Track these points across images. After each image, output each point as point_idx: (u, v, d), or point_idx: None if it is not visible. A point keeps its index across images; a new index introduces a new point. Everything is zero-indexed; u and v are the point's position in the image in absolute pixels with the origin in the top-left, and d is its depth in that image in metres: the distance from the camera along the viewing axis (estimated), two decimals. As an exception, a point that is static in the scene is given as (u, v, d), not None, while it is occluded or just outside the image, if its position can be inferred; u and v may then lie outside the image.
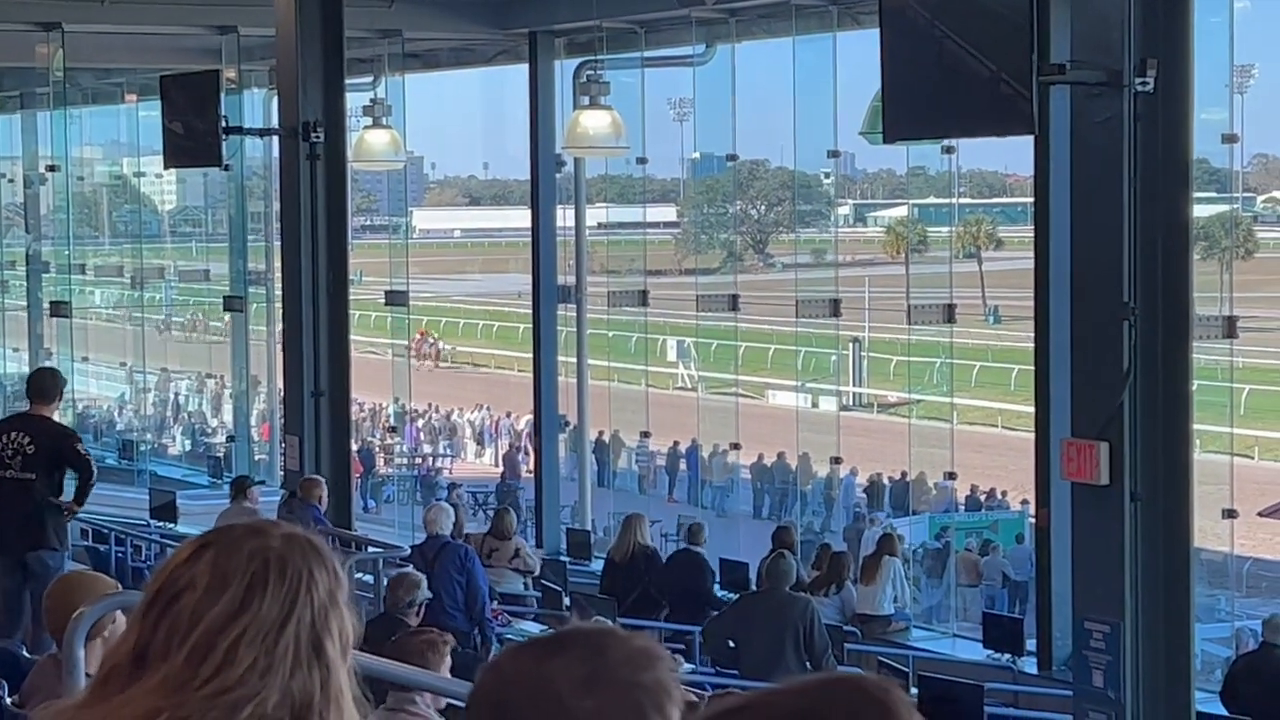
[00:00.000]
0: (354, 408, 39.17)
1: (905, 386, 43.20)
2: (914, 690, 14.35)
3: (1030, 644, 16.86)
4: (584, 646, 2.51)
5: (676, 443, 41.94)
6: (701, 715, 2.32)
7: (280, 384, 21.81)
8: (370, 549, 16.66)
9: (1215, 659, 20.62)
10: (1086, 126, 10.48)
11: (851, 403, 56.88)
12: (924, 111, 9.98)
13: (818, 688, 2.29)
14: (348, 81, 19.36)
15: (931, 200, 69.96)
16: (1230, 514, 18.71)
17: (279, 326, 21.10)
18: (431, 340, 67.66)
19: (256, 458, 29.37)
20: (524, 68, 22.92)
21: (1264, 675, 14.93)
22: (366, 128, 23.72)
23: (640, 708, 2.47)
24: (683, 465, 40.55)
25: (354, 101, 22.44)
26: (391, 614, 10.90)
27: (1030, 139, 15.55)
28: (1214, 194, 37.13)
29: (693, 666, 15.52)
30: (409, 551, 15.75)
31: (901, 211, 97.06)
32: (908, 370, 49.74)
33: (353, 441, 30.56)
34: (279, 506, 19.54)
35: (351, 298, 19.05)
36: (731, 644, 14.56)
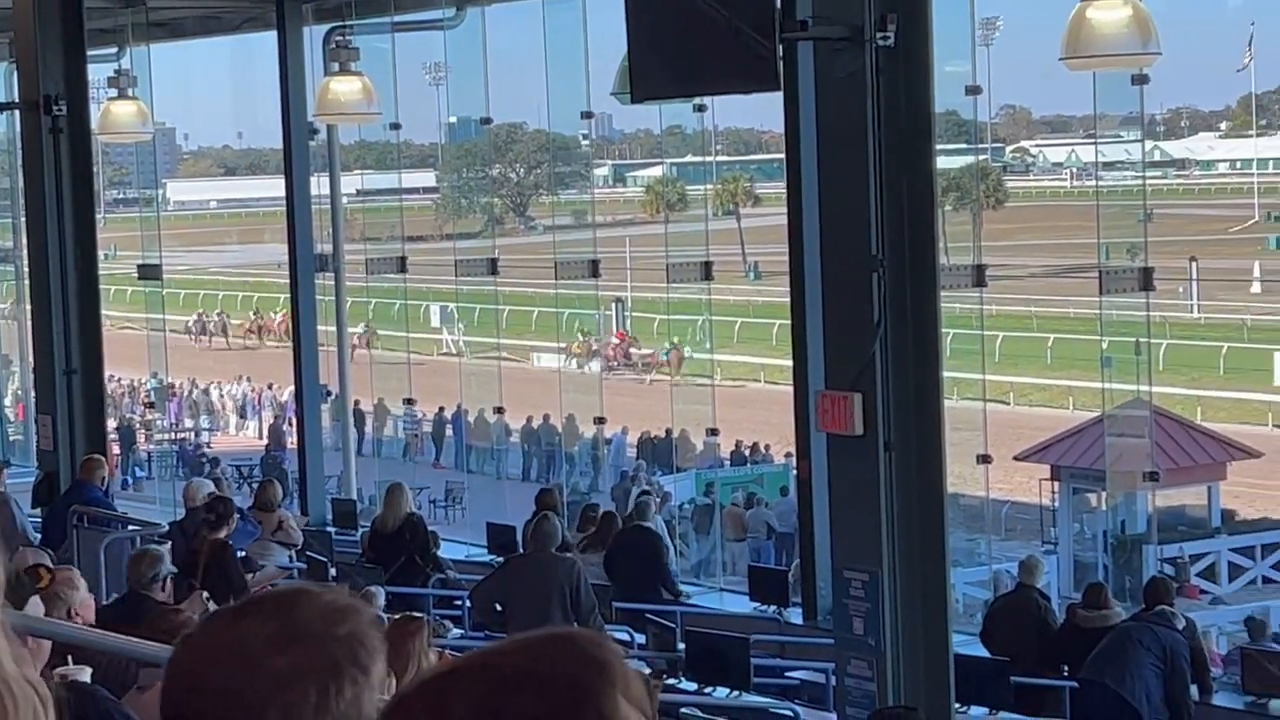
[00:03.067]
0: (112, 384, 38.54)
1: (668, 344, 43.58)
2: (681, 645, 14.48)
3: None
4: (274, 606, 2.49)
5: (442, 408, 41.83)
6: (416, 680, 2.30)
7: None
8: (130, 527, 16.41)
9: (976, 602, 21.06)
10: (830, 82, 10.60)
11: (617, 363, 57.10)
12: (670, 70, 10.00)
13: (533, 646, 2.28)
14: (90, 53, 18.94)
15: (689, 159, 70.42)
16: (984, 459, 19.08)
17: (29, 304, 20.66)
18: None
19: (13, 438, 28.76)
20: (273, 34, 22.60)
21: (1019, 615, 15.27)
22: (111, 100, 23.21)
23: (335, 661, 2.45)
24: (449, 431, 40.45)
25: (98, 73, 21.97)
26: (136, 590, 10.72)
27: (782, 95, 15.73)
28: (964, 145, 37.71)
29: (462, 631, 15.51)
30: (167, 528, 15.52)
31: (660, 171, 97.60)
32: (668, 329, 50.13)
33: (111, 418, 29.96)
34: (35, 486, 19.18)
35: (105, 273, 18.71)
36: (499, 607, 14.57)
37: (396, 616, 8.21)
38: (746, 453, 38.28)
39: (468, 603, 15.78)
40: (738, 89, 10.35)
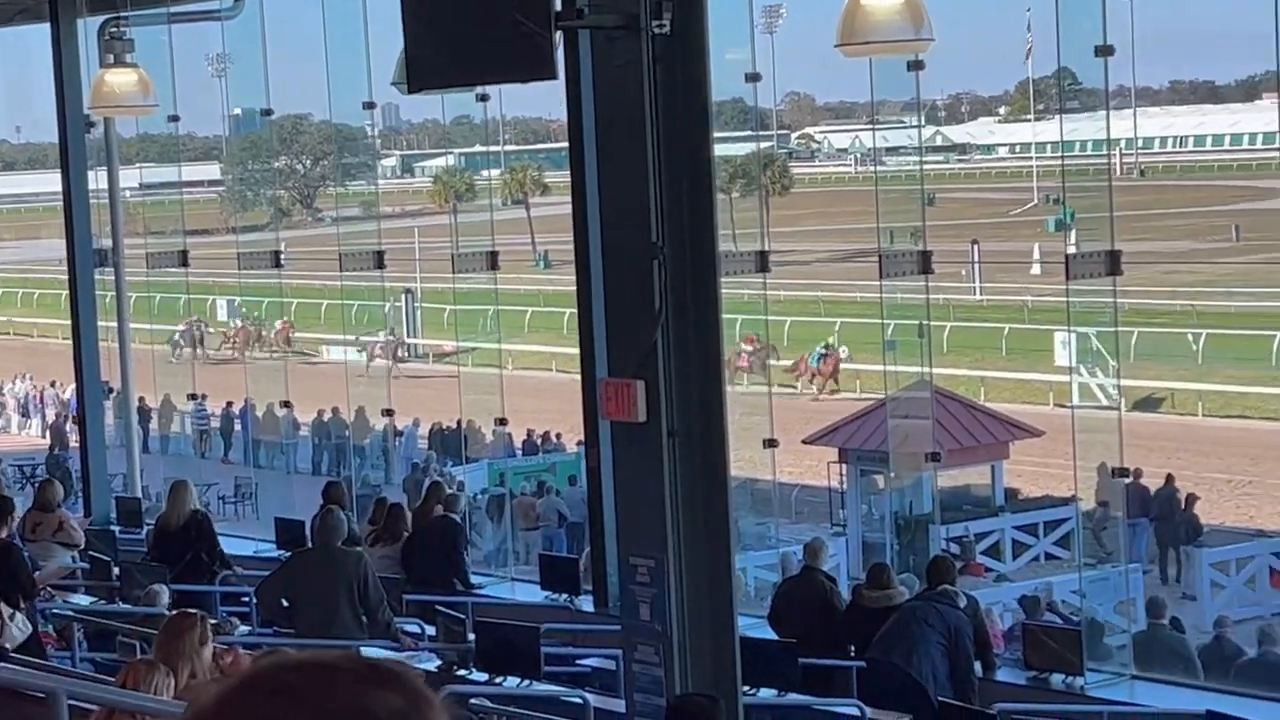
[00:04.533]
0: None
1: (456, 335, 43.33)
2: (471, 636, 14.45)
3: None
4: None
5: (230, 403, 41.37)
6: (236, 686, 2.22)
7: None
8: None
9: (767, 585, 21.23)
10: (607, 70, 10.61)
11: (408, 354, 56.78)
12: (447, 59, 9.94)
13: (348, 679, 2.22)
14: None
15: (477, 148, 70.22)
16: (771, 443, 19.26)
17: None
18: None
19: None
20: (47, 27, 22.19)
21: (806, 597, 15.46)
22: (-122, 95, 22.63)
23: None
24: (238, 426, 40.01)
25: None
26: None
27: (564, 84, 15.74)
28: (748, 133, 38.02)
29: (249, 628, 15.36)
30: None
31: (448, 161, 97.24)
32: (456, 319, 49.90)
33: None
34: None
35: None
36: (285, 603, 14.44)
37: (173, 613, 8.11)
38: (538, 442, 38.30)
39: (255, 599, 15.62)
40: (515, 78, 10.32)
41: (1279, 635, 16.51)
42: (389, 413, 28.45)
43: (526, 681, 13.54)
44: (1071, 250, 17.51)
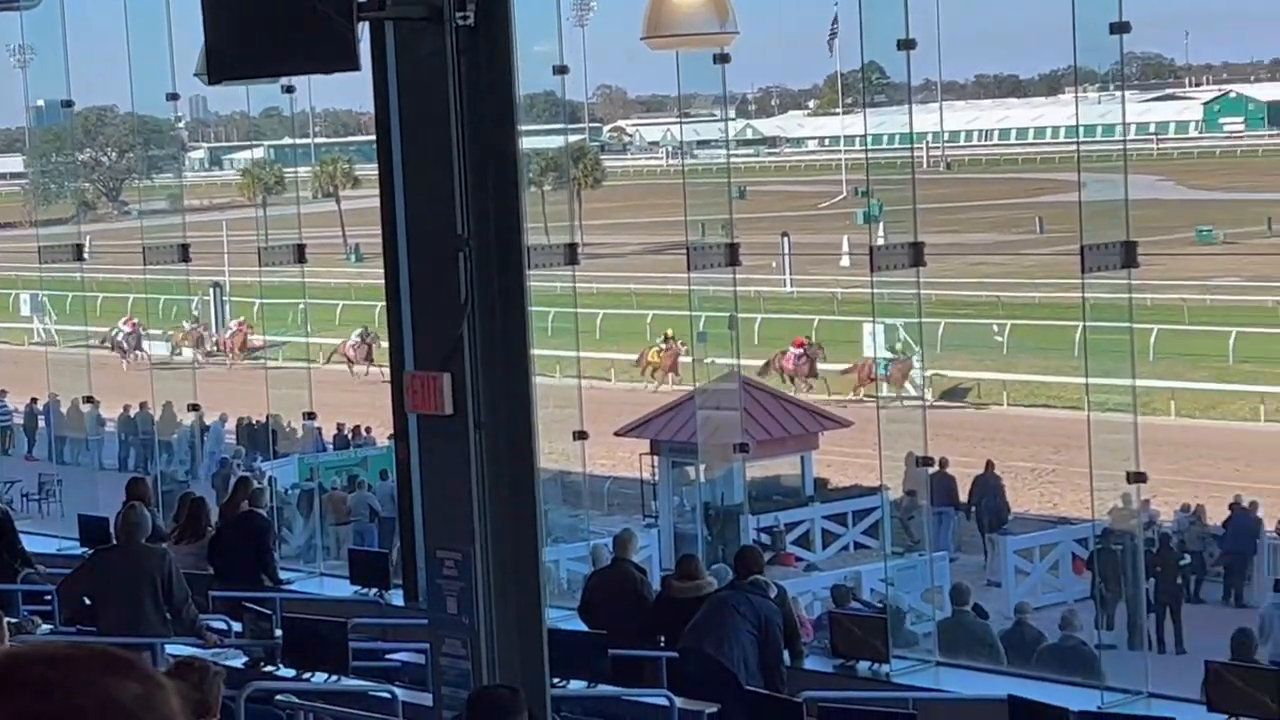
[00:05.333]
0: None
1: (263, 330, 42.96)
2: (279, 632, 14.32)
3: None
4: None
5: (34, 399, 40.68)
6: None
7: None
8: None
9: (579, 577, 21.26)
10: (411, 62, 10.56)
11: (216, 349, 56.13)
12: (248, 50, 9.82)
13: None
14: None
15: (287, 141, 69.53)
16: (581, 435, 19.30)
17: None
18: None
19: None
20: None
21: (616, 588, 15.51)
22: None
23: None
24: (41, 422, 39.34)
25: None
26: None
27: (371, 76, 15.64)
28: (559, 125, 37.95)
29: (51, 626, 15.11)
30: None
31: (258, 153, 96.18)
32: (263, 313, 49.43)
33: None
34: None
35: None
36: (88, 601, 14.22)
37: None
38: (349, 436, 38.07)
39: (57, 597, 15.36)
40: (317, 69, 10.23)
41: (1079, 621, 16.85)
42: (195, 408, 28.11)
43: (334, 677, 13.46)
44: (879, 242, 17.70)
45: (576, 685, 13.62)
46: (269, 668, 13.77)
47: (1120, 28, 13.29)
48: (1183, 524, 28.02)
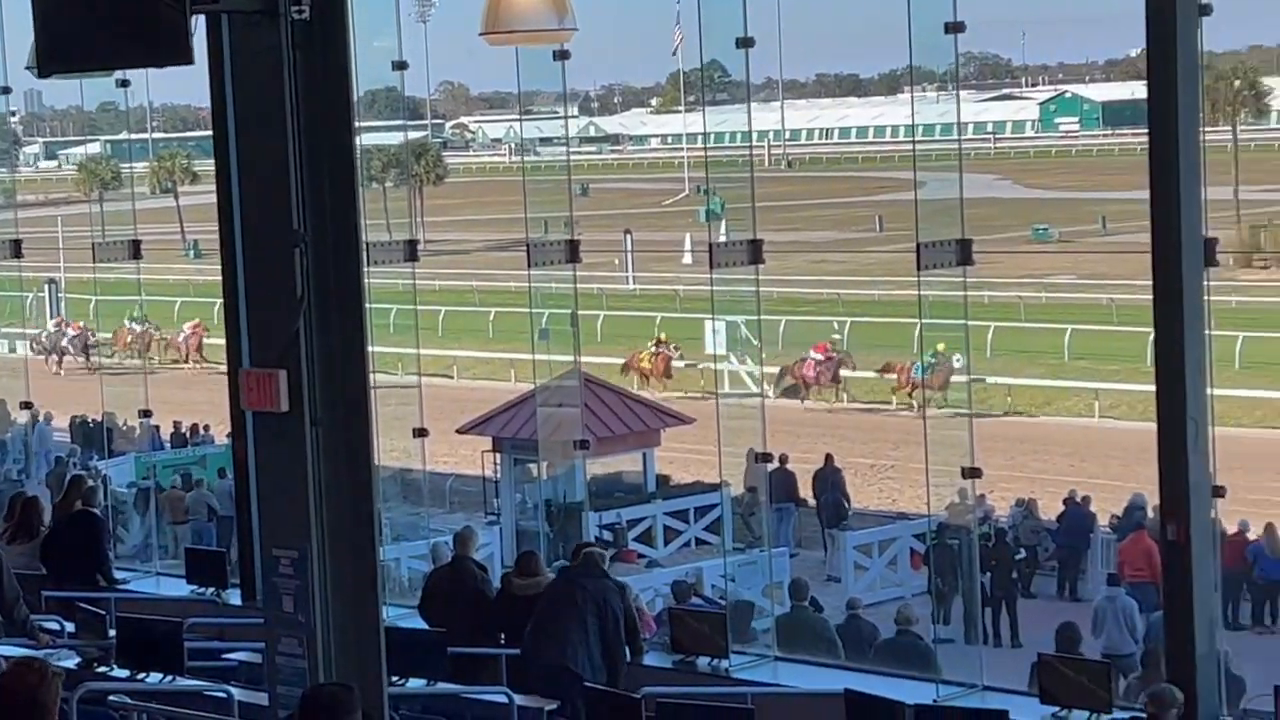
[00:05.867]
0: None
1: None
2: (113, 632, 14.15)
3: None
4: None
5: None
6: None
7: None
8: None
9: (419, 575, 21.17)
10: (246, 56, 10.45)
11: (50, 345, 55.30)
12: (79, 42, 9.66)
13: None
14: None
15: (124, 136, 68.61)
16: (421, 433, 19.23)
17: None
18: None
19: None
20: None
21: (456, 586, 15.47)
22: None
23: None
24: None
25: None
26: None
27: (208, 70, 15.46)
28: (401, 122, 37.76)
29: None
30: None
31: (94, 148, 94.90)
32: (97, 309, 48.80)
33: None
34: None
35: None
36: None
37: None
38: (186, 434, 37.67)
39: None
40: (150, 62, 10.08)
41: (915, 615, 17.04)
42: (27, 405, 27.69)
43: (169, 677, 13.32)
44: (721, 240, 17.78)
45: (416, 684, 13.58)
46: (102, 668, 13.60)
47: (955, 28, 13.44)
48: (1017, 519, 28.40)
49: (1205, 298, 12.33)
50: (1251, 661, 17.68)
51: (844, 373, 46.74)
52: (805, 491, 31.98)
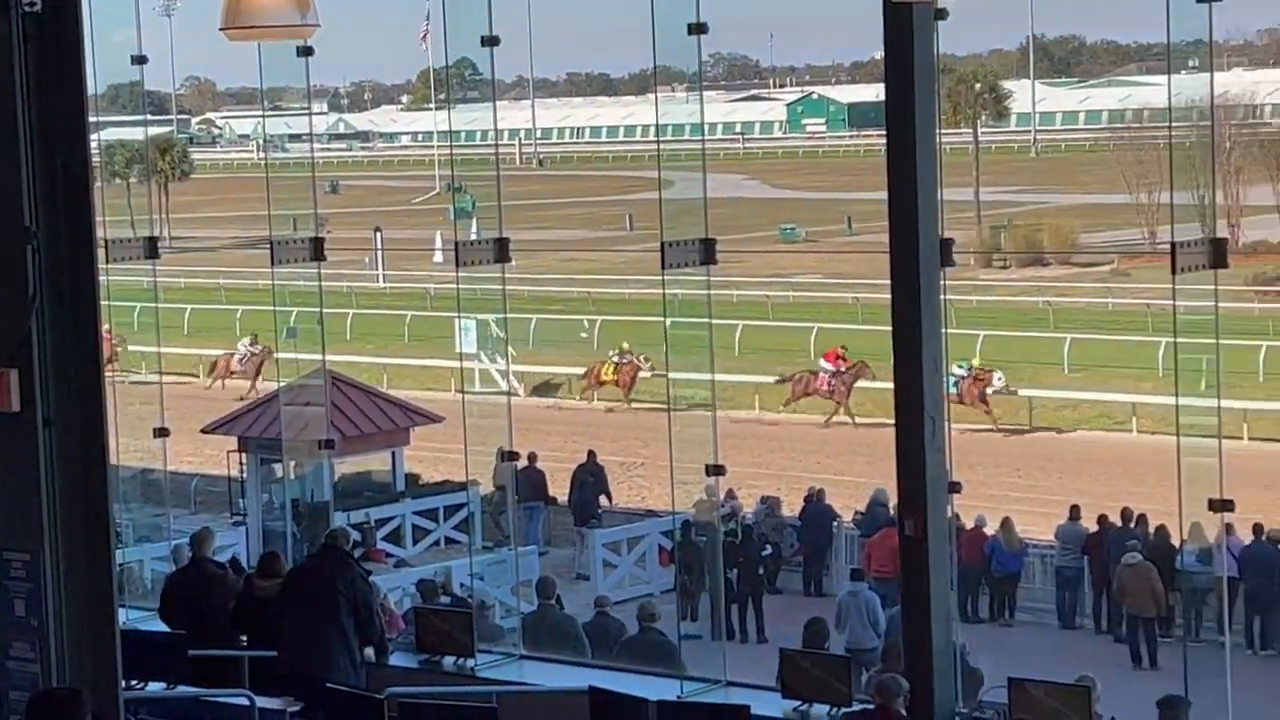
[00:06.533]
0: None
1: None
2: None
3: None
4: None
5: None
6: None
7: None
8: None
9: (161, 576, 20.85)
10: (-24, 47, 10.23)
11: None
12: None
13: None
14: None
15: None
16: (162, 432, 18.99)
17: None
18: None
19: None
20: None
21: (196, 587, 15.24)
22: None
23: None
24: None
25: None
26: None
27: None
28: (143, 117, 37.17)
29: None
30: None
31: None
32: None
33: None
34: None
35: None
36: None
37: None
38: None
39: None
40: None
41: (658, 612, 17.15)
42: None
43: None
44: (473, 237, 17.74)
45: (155, 687, 13.36)
46: None
47: (698, 29, 13.55)
48: (761, 515, 28.69)
49: (943, 297, 12.55)
50: (989, 654, 18.13)
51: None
52: (565, 489, 32.07)
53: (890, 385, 12.72)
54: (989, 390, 40.89)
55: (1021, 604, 27.22)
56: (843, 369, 42.51)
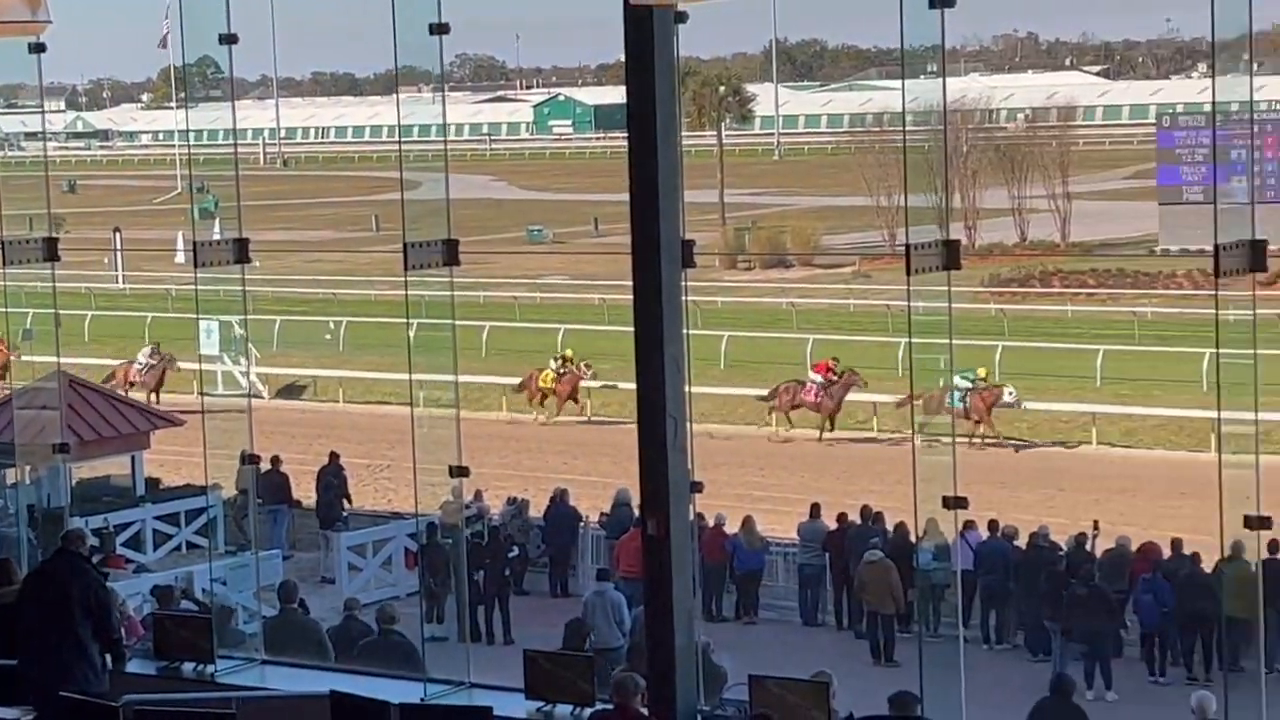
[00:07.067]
0: None
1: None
2: None
3: None
4: None
5: None
6: None
7: None
8: None
9: None
10: None
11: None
12: None
13: None
14: None
15: None
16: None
17: None
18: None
19: None
20: None
21: None
22: None
23: None
24: None
25: None
26: None
27: None
28: None
29: None
30: None
31: None
32: None
33: None
34: None
35: None
36: None
37: None
38: None
39: None
40: None
41: (396, 614, 17.09)
42: None
43: None
44: (216, 237, 17.46)
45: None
46: None
47: (439, 29, 13.48)
48: (508, 516, 28.68)
49: (684, 298, 12.63)
50: (733, 652, 18.32)
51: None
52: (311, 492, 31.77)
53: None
54: (993, 403, 38.78)
55: (765, 602, 27.52)
56: (834, 380, 40.72)
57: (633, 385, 12.70)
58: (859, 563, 25.37)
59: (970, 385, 38.44)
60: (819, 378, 40.75)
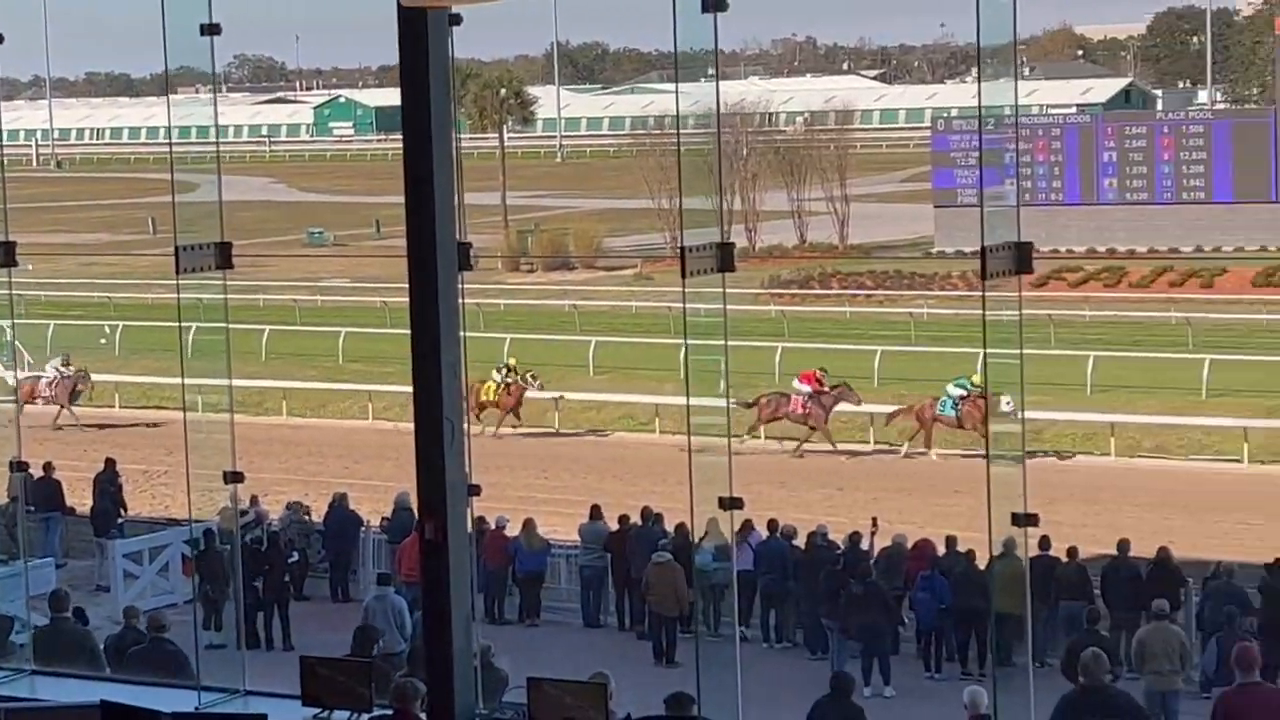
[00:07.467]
0: None
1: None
2: None
3: None
4: None
5: None
6: None
7: None
8: None
9: None
10: None
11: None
12: None
13: None
14: None
15: None
16: None
17: None
18: None
19: None
20: None
21: None
22: None
23: None
24: None
25: None
26: None
27: None
28: None
29: None
30: None
31: None
32: None
33: None
34: None
35: None
36: None
37: None
38: None
39: None
40: None
41: (166, 621, 16.86)
42: None
43: None
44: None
45: None
46: None
47: (211, 29, 13.31)
48: (287, 521, 28.40)
49: (462, 301, 12.60)
50: (514, 654, 18.29)
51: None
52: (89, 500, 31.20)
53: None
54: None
55: (548, 604, 27.53)
56: (823, 392, 39.09)
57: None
58: (642, 564, 25.46)
59: (965, 393, 37.50)
60: (806, 388, 39.12)
